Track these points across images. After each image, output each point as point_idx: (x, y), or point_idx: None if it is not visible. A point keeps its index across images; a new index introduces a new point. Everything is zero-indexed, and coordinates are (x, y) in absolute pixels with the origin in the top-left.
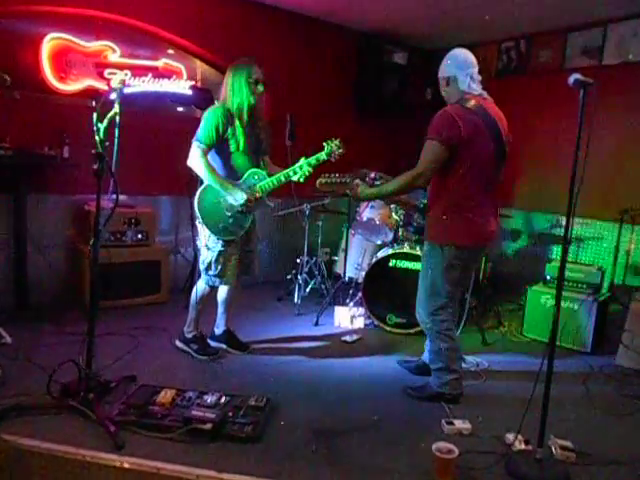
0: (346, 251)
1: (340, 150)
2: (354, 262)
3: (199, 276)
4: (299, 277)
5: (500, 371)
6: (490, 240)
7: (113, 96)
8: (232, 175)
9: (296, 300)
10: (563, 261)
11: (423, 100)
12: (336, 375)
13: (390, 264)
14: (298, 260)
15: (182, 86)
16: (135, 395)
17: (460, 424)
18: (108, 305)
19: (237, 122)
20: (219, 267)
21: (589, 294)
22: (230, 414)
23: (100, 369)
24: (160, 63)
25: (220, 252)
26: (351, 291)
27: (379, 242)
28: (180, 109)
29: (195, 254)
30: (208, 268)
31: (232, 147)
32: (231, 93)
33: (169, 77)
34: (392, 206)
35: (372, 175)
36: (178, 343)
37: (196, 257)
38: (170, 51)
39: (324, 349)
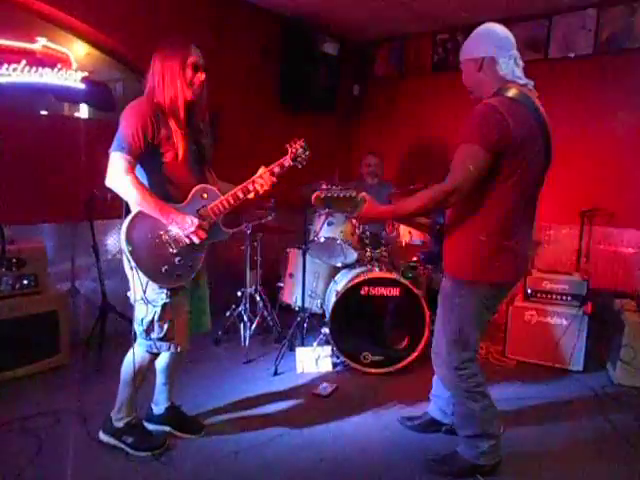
0: (304, 276)
1: (307, 152)
2: (307, 289)
3: (134, 339)
4: (243, 313)
5: (508, 411)
6: (527, 271)
7: None
8: (169, 195)
9: (243, 342)
10: None
11: (350, 96)
12: (328, 451)
13: (362, 292)
14: (239, 293)
15: (71, 78)
16: None
17: None
18: None
19: (171, 122)
20: (165, 327)
21: (576, 307)
22: None
23: None
24: (38, 46)
25: (165, 306)
26: (305, 324)
27: (339, 264)
28: (67, 108)
29: (102, 287)
30: (149, 330)
31: (169, 156)
32: (162, 81)
33: (52, 66)
34: (355, 222)
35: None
36: (104, 436)
37: (104, 294)
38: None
39: (298, 411)
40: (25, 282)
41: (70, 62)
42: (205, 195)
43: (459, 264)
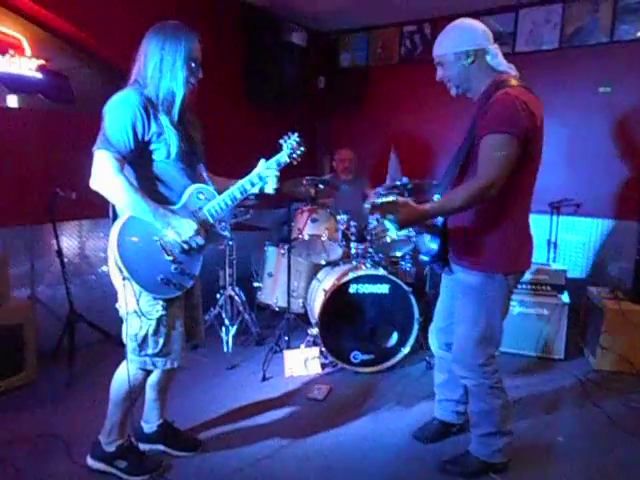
0: (289, 275)
1: (302, 148)
2: (288, 288)
3: (124, 356)
4: (224, 316)
5: None
6: None
7: None
8: (161, 197)
9: (224, 347)
10: None
11: (317, 89)
12: (335, 460)
13: (350, 290)
14: (218, 294)
15: (25, 66)
16: None
17: None
18: None
19: (163, 117)
20: (161, 341)
21: (555, 296)
22: None
23: None
24: None
25: (161, 318)
26: (282, 323)
27: (322, 261)
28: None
29: (68, 295)
30: (143, 345)
31: (160, 154)
32: (158, 73)
33: (3, 52)
34: (340, 218)
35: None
36: (93, 462)
37: (72, 303)
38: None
39: (296, 418)
40: None
41: (23, 48)
42: (201, 195)
43: (491, 257)
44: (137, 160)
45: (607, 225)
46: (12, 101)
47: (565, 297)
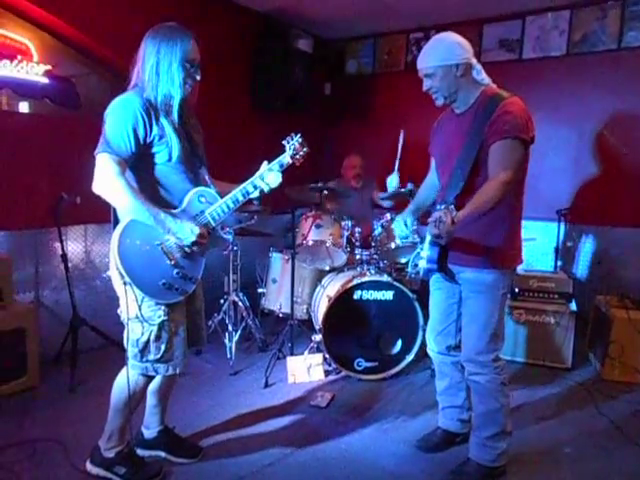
0: (293, 281)
1: (305, 149)
2: (292, 294)
3: (126, 362)
4: (227, 322)
5: None
6: None
7: None
8: (161, 201)
9: (228, 353)
10: None
11: (323, 96)
12: (338, 470)
13: (355, 297)
14: (222, 300)
15: (33, 71)
16: None
17: None
18: None
19: (164, 119)
20: (163, 347)
21: (563, 304)
22: None
23: None
24: None
25: (162, 324)
26: (286, 329)
27: (326, 267)
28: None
29: (72, 300)
30: (144, 351)
31: (161, 157)
32: (156, 76)
33: (10, 57)
34: (344, 223)
35: None
36: (92, 468)
37: (75, 307)
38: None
39: (298, 426)
40: None
41: (31, 54)
42: (203, 199)
43: (502, 254)
44: (138, 164)
45: (615, 232)
46: (24, 107)
47: (573, 305)
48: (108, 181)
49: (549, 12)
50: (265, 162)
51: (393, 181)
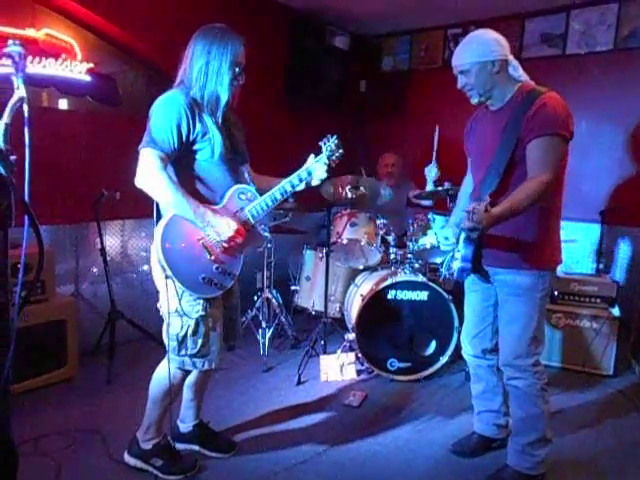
0: (327, 279)
1: (340, 150)
2: (326, 292)
3: (163, 355)
4: (261, 318)
5: None
6: None
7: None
8: (202, 197)
9: (261, 349)
10: None
11: (358, 93)
12: (371, 471)
13: (389, 296)
14: (256, 297)
15: (76, 70)
16: None
17: None
18: None
19: (207, 117)
20: (199, 341)
21: (605, 309)
22: None
23: None
24: (41, 34)
25: (201, 318)
26: (318, 327)
27: (360, 266)
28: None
29: (110, 293)
30: (182, 345)
31: (203, 154)
32: (204, 76)
33: (55, 56)
34: (379, 222)
35: None
36: (130, 459)
37: (113, 301)
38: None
39: (331, 425)
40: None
41: (75, 53)
42: (243, 196)
43: (541, 255)
44: (181, 160)
45: None
46: (63, 104)
47: (616, 310)
48: (151, 175)
49: (595, 6)
50: (312, 155)
51: (432, 171)
